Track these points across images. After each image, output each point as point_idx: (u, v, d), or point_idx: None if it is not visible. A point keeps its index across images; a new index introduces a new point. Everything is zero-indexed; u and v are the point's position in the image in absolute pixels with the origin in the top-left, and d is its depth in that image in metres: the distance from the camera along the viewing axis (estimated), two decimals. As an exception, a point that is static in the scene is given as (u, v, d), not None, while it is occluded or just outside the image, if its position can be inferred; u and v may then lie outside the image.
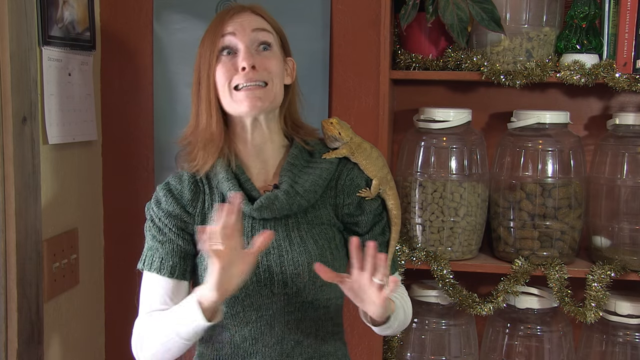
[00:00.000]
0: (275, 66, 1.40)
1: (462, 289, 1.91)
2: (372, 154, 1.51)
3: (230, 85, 1.38)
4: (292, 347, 1.43)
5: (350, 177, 1.48)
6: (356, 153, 1.49)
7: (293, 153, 1.46)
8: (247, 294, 1.39)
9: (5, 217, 1.76)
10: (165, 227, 1.44)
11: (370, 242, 1.25)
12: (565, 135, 1.92)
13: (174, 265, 1.42)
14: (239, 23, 1.40)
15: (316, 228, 1.43)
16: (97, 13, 2.17)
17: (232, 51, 1.39)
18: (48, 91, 1.91)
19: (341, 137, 1.49)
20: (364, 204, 1.48)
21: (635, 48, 1.84)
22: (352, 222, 1.48)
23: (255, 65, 1.37)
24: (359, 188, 1.48)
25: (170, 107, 2.19)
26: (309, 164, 1.46)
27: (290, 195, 1.40)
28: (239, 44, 1.38)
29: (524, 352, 1.97)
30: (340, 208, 1.47)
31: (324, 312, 1.45)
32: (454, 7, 1.84)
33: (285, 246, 1.40)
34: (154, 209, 1.46)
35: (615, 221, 1.88)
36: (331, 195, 1.47)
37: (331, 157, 1.48)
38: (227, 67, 1.38)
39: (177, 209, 1.44)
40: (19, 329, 1.79)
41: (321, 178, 1.44)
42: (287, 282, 1.39)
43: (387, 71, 1.89)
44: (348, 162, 1.50)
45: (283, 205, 1.40)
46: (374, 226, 1.50)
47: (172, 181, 1.48)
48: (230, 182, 1.41)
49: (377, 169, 1.50)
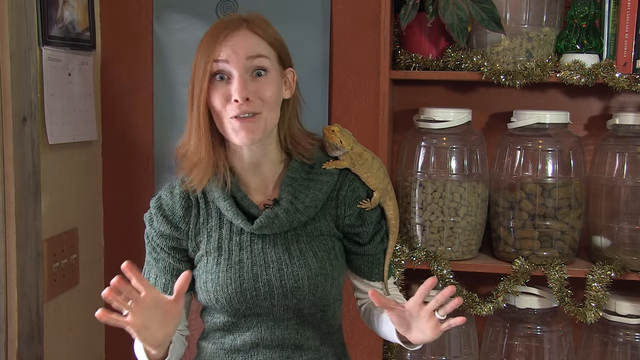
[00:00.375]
0: (269, 92, 1.35)
1: (462, 289, 1.91)
2: (374, 165, 1.49)
3: (225, 113, 1.35)
4: (292, 350, 1.44)
5: (352, 188, 1.47)
6: (357, 165, 1.47)
7: (293, 167, 1.43)
8: (248, 307, 1.39)
9: (5, 217, 1.76)
10: (157, 246, 1.46)
11: (432, 278, 1.27)
12: (565, 135, 1.92)
13: (166, 283, 1.45)
14: (233, 49, 1.33)
15: (315, 240, 1.42)
16: (97, 13, 2.17)
17: (225, 76, 1.34)
18: (48, 91, 1.91)
19: (342, 145, 1.46)
20: (364, 215, 1.47)
21: (635, 48, 1.84)
22: (353, 232, 1.48)
23: (249, 97, 1.33)
24: (360, 199, 1.47)
25: (170, 107, 2.19)
26: (309, 176, 1.44)
27: (290, 212, 1.39)
28: (232, 71, 1.33)
29: (524, 352, 1.97)
30: (342, 219, 1.46)
31: (322, 316, 1.46)
32: (454, 7, 1.84)
33: (285, 260, 1.39)
34: (147, 226, 1.48)
35: (615, 221, 1.88)
36: (332, 206, 1.46)
37: (331, 167, 1.46)
38: (222, 93, 1.34)
39: (168, 228, 1.44)
40: (19, 329, 1.79)
41: (321, 192, 1.42)
42: (287, 294, 1.38)
43: (387, 71, 1.89)
44: (349, 172, 1.48)
45: (283, 222, 1.39)
46: (375, 236, 1.50)
47: (164, 196, 1.47)
48: (227, 202, 1.40)
49: (378, 180, 1.49)
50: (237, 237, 1.41)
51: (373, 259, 1.50)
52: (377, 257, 1.50)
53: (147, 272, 1.47)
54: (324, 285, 1.40)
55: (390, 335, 1.43)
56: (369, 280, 1.51)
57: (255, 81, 1.35)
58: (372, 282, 1.52)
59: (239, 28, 1.36)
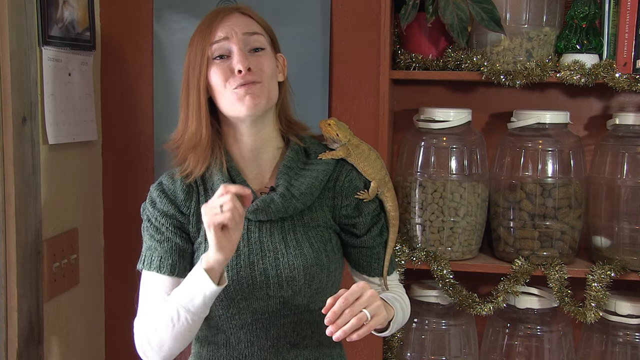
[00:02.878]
0: (268, 67, 1.41)
1: (462, 289, 1.91)
2: (370, 156, 1.50)
3: (229, 86, 1.39)
4: (287, 350, 1.43)
5: (349, 178, 1.48)
6: (353, 155, 1.49)
7: (289, 155, 1.46)
8: (243, 296, 1.39)
9: (5, 217, 1.76)
10: (162, 226, 1.45)
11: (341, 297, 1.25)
12: (565, 135, 1.92)
13: (173, 264, 1.43)
14: (230, 27, 1.40)
15: (312, 231, 1.43)
16: (97, 13, 2.17)
17: (225, 55, 1.40)
18: (48, 91, 1.91)
19: (339, 138, 1.48)
20: (361, 206, 1.48)
21: (635, 48, 1.84)
22: (349, 223, 1.48)
23: (250, 67, 1.38)
24: (357, 190, 1.48)
25: (170, 107, 2.18)
26: (306, 166, 1.46)
27: (286, 198, 1.40)
28: (232, 47, 1.39)
29: (524, 352, 1.97)
30: (338, 210, 1.47)
31: (319, 314, 1.45)
32: (454, 7, 1.84)
33: (281, 249, 1.40)
34: (150, 209, 1.47)
35: (615, 221, 1.88)
36: (329, 196, 1.47)
37: (327, 157, 1.47)
38: (223, 69, 1.39)
39: (172, 209, 1.45)
40: (19, 329, 1.79)
41: (317, 180, 1.44)
42: (283, 284, 1.39)
43: (387, 71, 1.89)
44: (347, 163, 1.50)
45: (279, 208, 1.40)
46: (372, 227, 1.50)
47: (165, 181, 1.48)
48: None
49: (375, 171, 1.50)
50: None
51: (371, 253, 1.50)
52: (375, 250, 1.51)
53: (148, 258, 1.44)
54: (319, 277, 1.41)
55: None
56: (368, 276, 1.52)
57: (254, 56, 1.41)
58: (371, 277, 1.52)
59: (233, 12, 1.43)
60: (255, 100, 1.37)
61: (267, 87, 1.40)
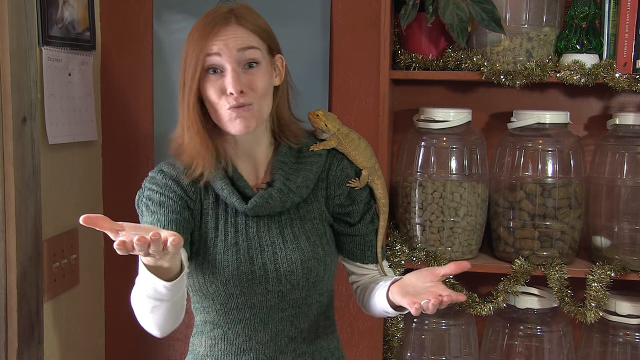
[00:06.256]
0: (261, 84, 1.39)
1: (462, 289, 1.91)
2: (360, 144, 1.53)
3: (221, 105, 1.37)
4: (285, 344, 1.44)
5: (340, 167, 1.50)
6: (344, 143, 1.51)
7: (282, 151, 1.47)
8: (242, 291, 1.40)
9: (5, 217, 1.76)
10: (168, 199, 1.41)
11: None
12: (565, 135, 1.92)
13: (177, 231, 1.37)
14: (224, 42, 1.36)
15: (308, 224, 1.45)
16: (97, 13, 2.17)
17: (218, 69, 1.37)
18: (48, 91, 1.91)
19: (328, 128, 1.50)
20: (354, 194, 1.50)
21: (635, 48, 1.84)
22: (343, 212, 1.50)
23: (243, 90, 1.36)
24: (349, 178, 1.50)
25: (170, 107, 2.18)
26: (299, 160, 1.47)
27: (283, 193, 1.41)
28: (225, 64, 1.36)
29: (524, 352, 1.97)
30: (332, 199, 1.49)
31: (317, 307, 1.47)
32: (454, 7, 1.84)
33: (279, 243, 1.41)
34: (153, 187, 1.44)
35: (615, 221, 1.88)
36: (322, 187, 1.49)
37: (319, 149, 1.49)
38: (217, 86, 1.37)
39: (177, 187, 1.43)
40: (19, 329, 1.79)
41: (312, 172, 1.46)
42: (281, 279, 1.40)
43: (387, 71, 1.89)
44: (337, 153, 1.52)
45: (277, 203, 1.41)
46: (364, 215, 1.52)
47: (165, 168, 1.46)
48: (223, 180, 1.42)
49: (365, 159, 1.52)
50: (232, 219, 1.42)
51: (364, 240, 1.52)
52: (368, 238, 1.52)
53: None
54: (317, 270, 1.42)
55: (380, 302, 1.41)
56: (362, 263, 1.53)
57: (247, 73, 1.38)
58: (366, 264, 1.53)
59: (229, 23, 1.39)
60: (245, 123, 1.37)
61: (259, 109, 1.39)
